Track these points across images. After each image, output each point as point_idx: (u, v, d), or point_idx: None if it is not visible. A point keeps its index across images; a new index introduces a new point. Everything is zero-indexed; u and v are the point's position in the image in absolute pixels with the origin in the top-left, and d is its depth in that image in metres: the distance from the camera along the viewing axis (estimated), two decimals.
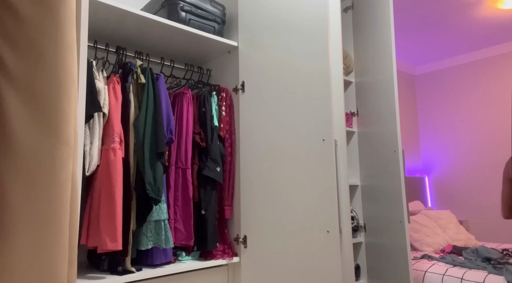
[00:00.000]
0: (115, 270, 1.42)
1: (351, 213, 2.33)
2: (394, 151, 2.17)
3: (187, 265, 1.59)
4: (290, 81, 1.59)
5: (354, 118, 2.46)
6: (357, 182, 2.39)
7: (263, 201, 1.65)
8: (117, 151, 1.41)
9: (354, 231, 2.31)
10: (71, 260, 0.72)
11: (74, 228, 0.73)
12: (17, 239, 0.60)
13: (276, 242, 1.57)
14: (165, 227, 1.53)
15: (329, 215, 1.40)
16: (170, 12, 1.70)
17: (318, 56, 1.49)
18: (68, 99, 0.68)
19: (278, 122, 1.62)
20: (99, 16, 1.53)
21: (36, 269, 0.61)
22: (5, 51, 0.61)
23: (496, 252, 2.77)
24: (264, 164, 1.67)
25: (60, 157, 0.65)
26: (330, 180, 1.41)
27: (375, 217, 2.26)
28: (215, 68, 2.03)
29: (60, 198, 0.65)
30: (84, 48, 1.32)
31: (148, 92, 1.55)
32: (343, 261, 1.43)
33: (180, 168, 1.67)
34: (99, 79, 1.44)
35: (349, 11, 2.56)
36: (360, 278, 2.29)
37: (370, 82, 2.37)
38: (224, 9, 1.90)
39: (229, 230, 1.81)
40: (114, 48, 1.65)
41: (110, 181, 1.37)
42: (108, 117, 1.43)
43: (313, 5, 1.52)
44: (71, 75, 0.69)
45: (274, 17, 1.69)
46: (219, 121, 1.81)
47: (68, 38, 0.68)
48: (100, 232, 1.34)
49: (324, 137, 1.44)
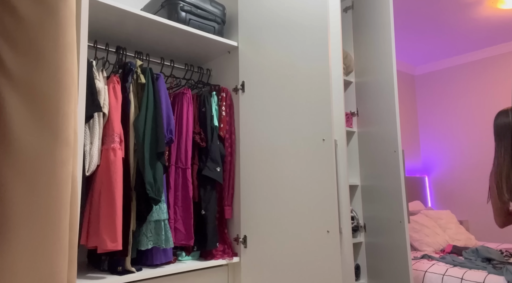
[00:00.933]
0: (115, 270, 1.42)
1: (351, 213, 2.33)
2: (394, 151, 2.17)
3: (187, 265, 1.59)
4: (290, 81, 1.59)
5: (354, 118, 2.46)
6: (357, 182, 2.39)
7: (263, 201, 1.65)
8: (117, 150, 1.41)
9: (354, 231, 2.31)
10: (71, 260, 0.72)
11: (74, 228, 0.73)
12: (17, 239, 0.60)
13: (276, 242, 1.57)
14: (165, 227, 1.53)
15: (329, 215, 1.40)
16: (170, 12, 1.70)
17: (318, 56, 1.49)
18: (68, 99, 0.68)
19: (278, 122, 1.62)
20: (99, 16, 1.53)
21: (36, 269, 0.61)
22: (5, 51, 0.61)
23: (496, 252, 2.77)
24: (264, 164, 1.67)
25: (60, 156, 0.65)
26: (330, 180, 1.41)
27: (375, 217, 2.26)
28: (215, 68, 2.03)
29: (60, 198, 0.65)
30: (84, 48, 1.32)
31: (148, 92, 1.54)
32: (343, 261, 1.43)
33: (180, 168, 1.67)
34: (99, 79, 1.44)
35: (349, 11, 2.56)
36: (360, 278, 2.29)
37: (370, 82, 2.37)
38: (224, 9, 1.90)
39: (229, 230, 1.81)
40: (114, 48, 1.65)
41: (110, 181, 1.37)
42: (108, 117, 1.43)
43: (313, 5, 1.52)
44: (71, 75, 0.69)
45: (274, 17, 1.69)
46: (219, 121, 1.81)
47: (68, 38, 0.68)
48: (100, 232, 1.34)
49: (324, 137, 1.44)
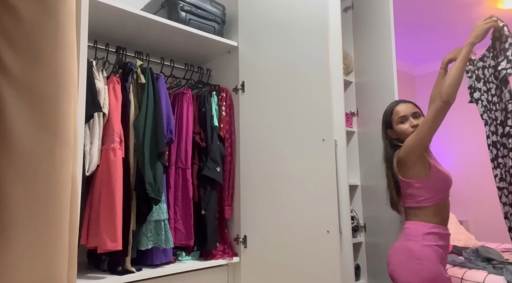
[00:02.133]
0: (115, 270, 1.42)
1: (351, 213, 2.33)
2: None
3: (187, 265, 1.59)
4: (290, 81, 1.59)
5: (354, 118, 2.46)
6: (357, 182, 2.38)
7: (263, 201, 1.65)
8: (117, 150, 1.41)
9: (354, 231, 2.31)
10: (71, 260, 0.72)
11: (74, 228, 0.73)
12: (17, 239, 0.60)
13: (276, 242, 1.57)
14: (165, 227, 1.53)
15: (329, 215, 1.39)
16: (170, 12, 1.70)
17: (318, 56, 1.49)
18: (68, 99, 0.68)
19: (278, 122, 1.62)
20: (99, 16, 1.53)
21: (36, 269, 0.61)
22: (5, 51, 0.61)
23: (496, 252, 2.77)
24: (264, 163, 1.67)
25: (60, 157, 0.65)
26: (330, 180, 1.41)
27: (375, 217, 2.26)
28: (215, 68, 2.03)
29: (60, 198, 0.65)
30: (84, 48, 1.32)
31: (148, 92, 1.54)
32: (343, 261, 1.43)
33: (180, 168, 1.67)
34: (99, 79, 1.44)
35: (349, 11, 2.56)
36: (360, 278, 2.29)
37: (370, 82, 2.37)
38: (224, 9, 1.90)
39: (229, 230, 1.81)
40: (114, 48, 1.65)
41: (110, 181, 1.37)
42: (108, 117, 1.43)
43: (313, 5, 1.52)
44: (71, 75, 0.69)
45: (274, 17, 1.69)
46: (219, 121, 1.81)
47: (68, 38, 0.68)
48: (100, 232, 1.34)
49: (324, 137, 1.44)
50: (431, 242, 1.52)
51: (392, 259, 1.57)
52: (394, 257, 1.56)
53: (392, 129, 1.71)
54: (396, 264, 1.54)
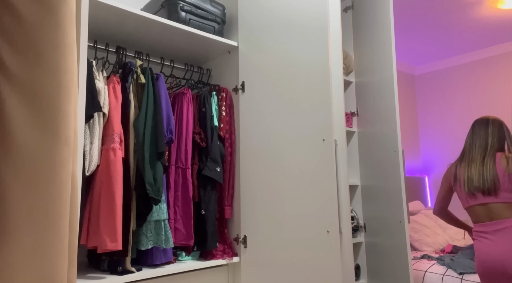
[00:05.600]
0: (115, 270, 1.42)
1: (351, 213, 2.33)
2: (394, 151, 2.17)
3: (187, 265, 1.59)
4: (290, 81, 1.59)
5: (354, 118, 2.46)
6: (357, 182, 2.39)
7: (263, 201, 1.65)
8: (117, 150, 1.41)
9: (354, 231, 2.31)
10: (71, 260, 0.72)
11: (74, 228, 0.73)
12: (17, 239, 0.60)
13: (276, 242, 1.57)
14: (165, 227, 1.53)
15: (329, 215, 1.39)
16: (170, 12, 1.70)
17: (318, 56, 1.49)
18: (68, 99, 0.68)
19: (278, 122, 1.62)
20: (99, 16, 1.53)
21: (36, 269, 0.61)
22: (5, 51, 0.61)
23: None
24: (264, 164, 1.67)
25: (60, 157, 0.65)
26: (330, 180, 1.41)
27: (375, 217, 2.26)
28: (215, 68, 2.03)
29: (60, 198, 0.65)
30: (84, 48, 1.32)
31: (148, 92, 1.54)
32: (343, 261, 1.43)
33: (180, 168, 1.67)
34: (99, 79, 1.44)
35: (349, 11, 2.56)
36: (360, 278, 2.29)
37: (370, 82, 2.37)
38: (224, 9, 1.90)
39: (229, 230, 1.81)
40: (114, 48, 1.65)
41: (110, 181, 1.37)
42: (108, 117, 1.43)
43: (313, 5, 1.52)
44: (71, 75, 0.69)
45: (274, 17, 1.69)
46: (219, 121, 1.81)
47: (68, 38, 0.68)
48: (100, 232, 1.34)
49: (324, 137, 1.44)
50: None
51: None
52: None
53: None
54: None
